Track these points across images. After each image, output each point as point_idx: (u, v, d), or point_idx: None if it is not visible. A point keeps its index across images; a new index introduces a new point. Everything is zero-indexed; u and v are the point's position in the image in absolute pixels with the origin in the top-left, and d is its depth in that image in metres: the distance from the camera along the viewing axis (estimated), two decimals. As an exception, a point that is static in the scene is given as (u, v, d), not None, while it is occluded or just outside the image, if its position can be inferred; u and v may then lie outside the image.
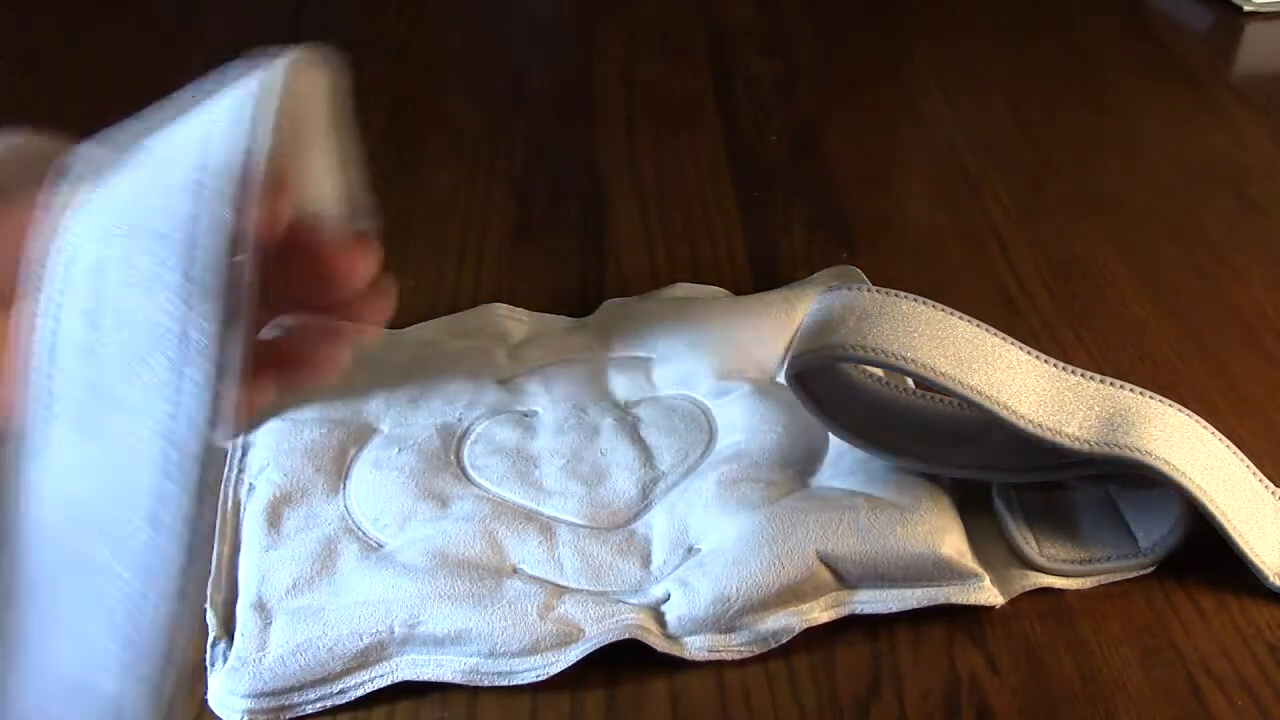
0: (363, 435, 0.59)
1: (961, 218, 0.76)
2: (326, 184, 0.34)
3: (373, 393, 0.61)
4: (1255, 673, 0.49)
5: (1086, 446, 0.50)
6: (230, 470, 0.57)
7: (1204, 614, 0.51)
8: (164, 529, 0.28)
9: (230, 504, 0.56)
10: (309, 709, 0.48)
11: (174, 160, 0.30)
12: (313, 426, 0.58)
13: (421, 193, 0.79)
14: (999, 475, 0.54)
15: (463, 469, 0.57)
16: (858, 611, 0.51)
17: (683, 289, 0.69)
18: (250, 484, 0.56)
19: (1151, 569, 0.53)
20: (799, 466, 0.56)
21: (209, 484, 0.29)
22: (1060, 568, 0.52)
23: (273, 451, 0.57)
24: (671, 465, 0.57)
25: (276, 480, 0.56)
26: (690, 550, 0.53)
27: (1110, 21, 1.00)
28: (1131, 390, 0.52)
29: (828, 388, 0.56)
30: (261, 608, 0.50)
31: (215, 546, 0.54)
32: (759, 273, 0.71)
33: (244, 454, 0.58)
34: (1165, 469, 0.50)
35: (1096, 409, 0.51)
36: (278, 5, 1.05)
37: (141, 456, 0.29)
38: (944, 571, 0.51)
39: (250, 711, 0.47)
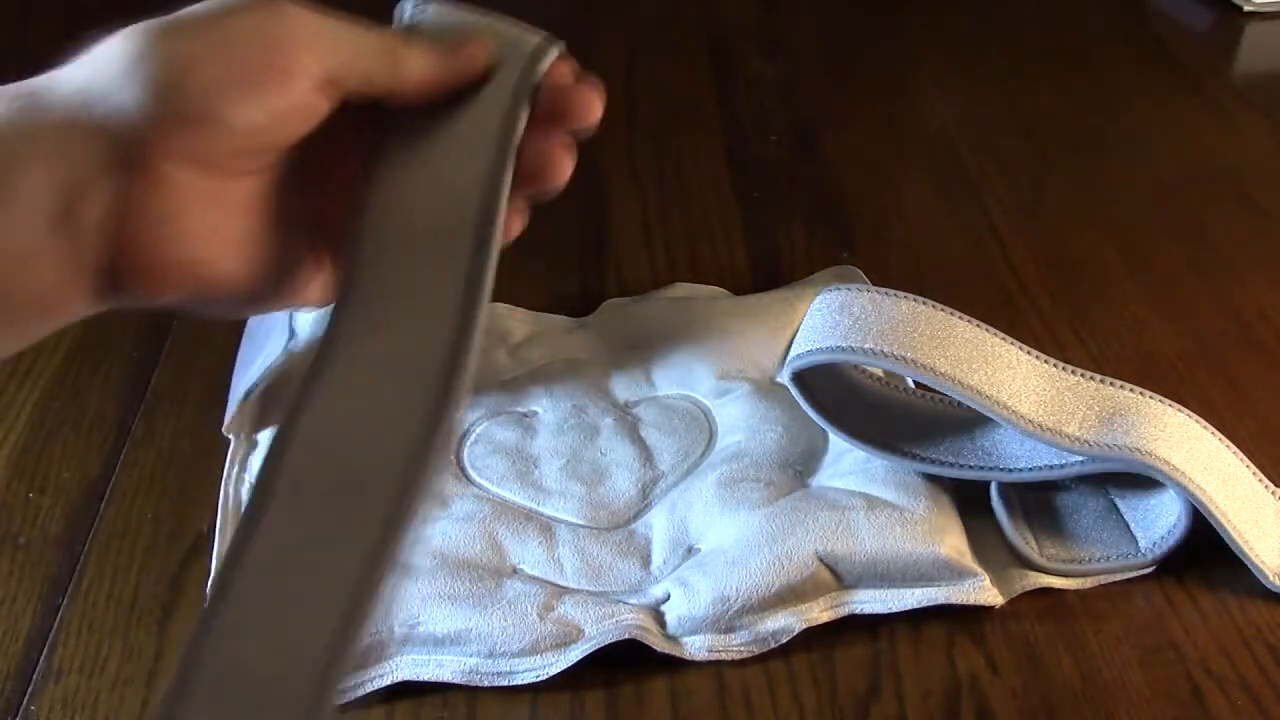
0: (363, 435, 0.59)
1: (961, 218, 0.76)
2: None
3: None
4: (1255, 673, 0.49)
5: (1086, 446, 0.50)
6: (232, 467, 0.57)
7: (1204, 614, 0.51)
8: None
9: (231, 504, 0.55)
10: (309, 709, 0.48)
11: None
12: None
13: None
14: (999, 475, 0.54)
15: (462, 469, 0.57)
16: (857, 611, 0.51)
17: (683, 289, 0.69)
18: (251, 483, 0.56)
19: (1151, 569, 0.53)
20: (799, 466, 0.56)
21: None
22: (1060, 568, 0.52)
23: (273, 451, 0.57)
24: (671, 465, 0.57)
25: (276, 480, 0.56)
26: (690, 550, 0.53)
27: (1110, 21, 1.00)
28: (1131, 390, 0.52)
29: (828, 388, 0.56)
30: (261, 608, 0.50)
31: (215, 547, 0.54)
32: (759, 273, 0.71)
33: (249, 452, 0.58)
34: (1165, 469, 0.50)
35: (1096, 409, 0.51)
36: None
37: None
38: (944, 571, 0.51)
39: (250, 711, 0.47)
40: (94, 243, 0.31)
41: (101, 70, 0.32)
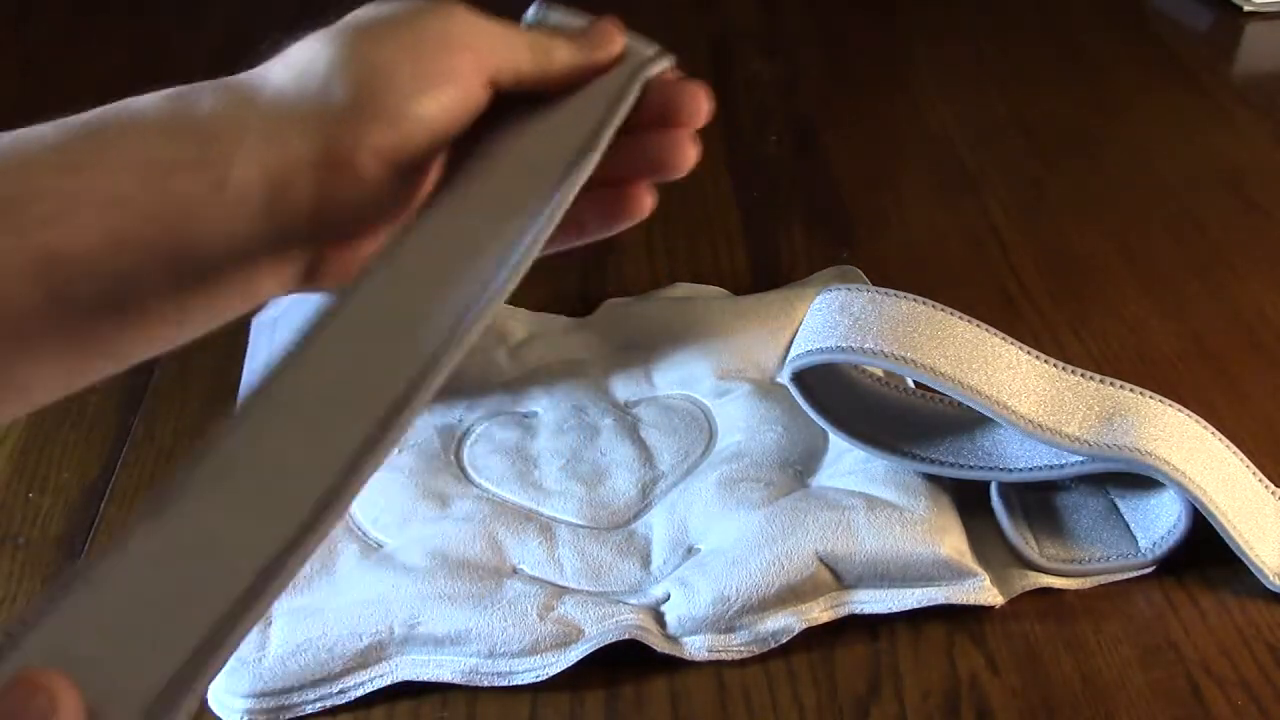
0: (363, 435, 0.59)
1: (961, 218, 0.76)
2: None
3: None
4: (1255, 673, 0.49)
5: (1086, 446, 0.50)
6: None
7: (1204, 614, 0.51)
8: None
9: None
10: (309, 709, 0.48)
11: None
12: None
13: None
14: (999, 475, 0.54)
15: (462, 469, 0.57)
16: (857, 611, 0.51)
17: (683, 289, 0.69)
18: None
19: (1151, 569, 0.53)
20: (799, 466, 0.56)
21: None
22: (1060, 568, 0.52)
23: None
24: (671, 465, 0.57)
25: (276, 480, 0.56)
26: (690, 550, 0.53)
27: (1110, 22, 1.00)
28: (1131, 390, 0.52)
29: (828, 388, 0.56)
30: (261, 608, 0.50)
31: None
32: (759, 273, 0.71)
33: None
34: (1165, 469, 0.50)
35: (1096, 409, 0.51)
36: (278, 7, 1.04)
37: None
38: (944, 571, 0.51)
39: (250, 711, 0.47)
40: (300, 230, 0.34)
41: (303, 71, 0.35)
